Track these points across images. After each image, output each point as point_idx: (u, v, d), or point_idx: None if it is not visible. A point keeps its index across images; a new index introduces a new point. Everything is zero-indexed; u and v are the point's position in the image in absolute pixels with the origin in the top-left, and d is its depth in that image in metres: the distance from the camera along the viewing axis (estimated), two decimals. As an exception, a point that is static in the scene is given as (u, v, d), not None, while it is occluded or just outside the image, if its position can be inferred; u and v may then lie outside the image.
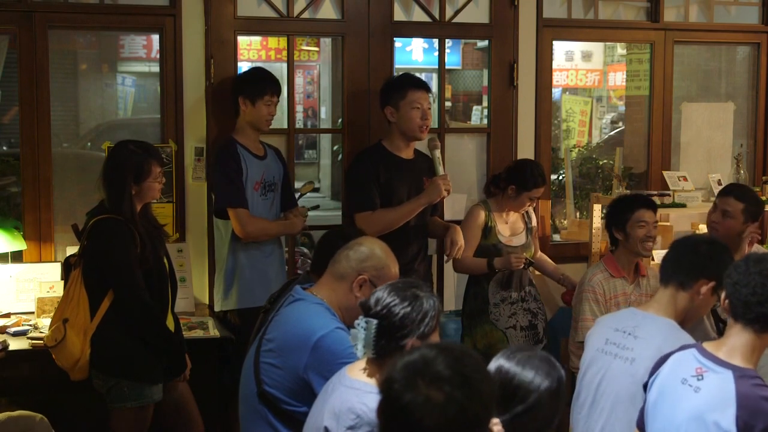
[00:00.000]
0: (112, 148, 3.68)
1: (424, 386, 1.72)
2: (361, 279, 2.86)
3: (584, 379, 3.06)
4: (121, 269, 3.45)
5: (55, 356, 3.51)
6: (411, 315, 2.39)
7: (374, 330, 2.38)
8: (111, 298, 3.47)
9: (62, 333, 3.45)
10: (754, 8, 5.55)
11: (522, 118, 5.02)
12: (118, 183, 3.51)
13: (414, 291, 2.43)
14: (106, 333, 3.46)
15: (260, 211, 4.21)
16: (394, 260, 2.96)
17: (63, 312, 3.50)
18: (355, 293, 2.85)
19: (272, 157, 4.36)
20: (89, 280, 3.50)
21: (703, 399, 2.45)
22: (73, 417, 3.71)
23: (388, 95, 4.25)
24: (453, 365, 1.74)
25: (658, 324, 2.91)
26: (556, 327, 4.71)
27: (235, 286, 4.21)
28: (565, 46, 10.69)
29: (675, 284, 2.92)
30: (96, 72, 5.27)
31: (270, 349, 2.87)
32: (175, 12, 4.43)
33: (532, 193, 4.38)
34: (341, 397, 2.43)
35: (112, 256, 3.46)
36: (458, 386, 1.71)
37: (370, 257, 2.89)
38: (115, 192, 3.51)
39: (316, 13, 4.70)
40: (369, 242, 2.97)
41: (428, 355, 1.76)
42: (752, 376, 2.43)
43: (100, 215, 3.51)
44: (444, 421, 1.69)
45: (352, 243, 2.95)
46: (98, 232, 3.48)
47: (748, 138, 5.64)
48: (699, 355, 2.53)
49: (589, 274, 4.11)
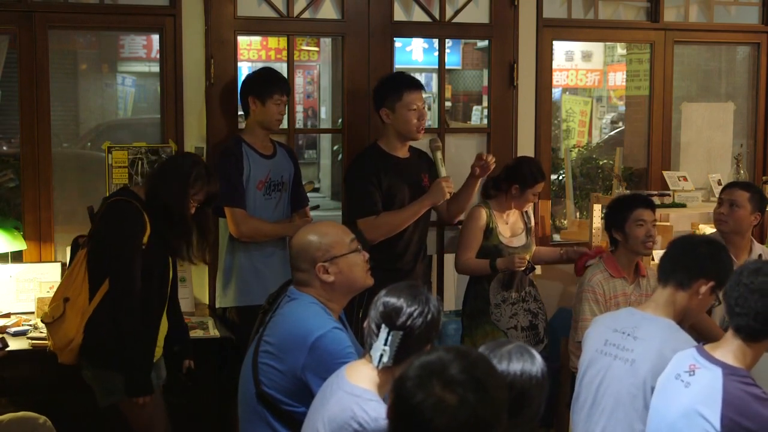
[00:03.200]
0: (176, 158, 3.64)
1: (438, 387, 1.71)
2: (320, 267, 2.87)
3: (584, 380, 3.05)
4: (120, 257, 3.40)
5: (50, 335, 3.48)
6: (431, 323, 2.41)
7: (398, 342, 2.38)
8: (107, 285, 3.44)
9: (61, 310, 3.43)
10: (754, 8, 5.55)
11: (522, 118, 5.02)
12: (176, 190, 3.45)
13: (423, 296, 2.45)
14: (99, 321, 3.41)
15: (262, 211, 4.20)
16: (333, 228, 2.96)
17: (65, 291, 3.48)
18: (325, 280, 2.87)
19: (282, 157, 4.34)
20: (92, 262, 3.47)
21: (692, 394, 2.48)
22: (73, 417, 3.70)
23: (383, 97, 4.22)
24: (469, 369, 1.74)
25: (657, 324, 2.91)
26: (556, 327, 4.71)
27: (232, 284, 4.21)
28: (565, 46, 10.70)
29: (674, 284, 2.92)
30: (96, 72, 5.27)
31: (268, 350, 2.86)
32: (175, 12, 4.43)
33: (534, 188, 4.41)
34: (341, 404, 2.41)
35: (115, 241, 3.42)
36: (472, 390, 1.70)
37: (309, 246, 2.89)
38: (178, 198, 3.45)
39: (316, 13, 4.70)
40: (295, 239, 2.96)
41: (445, 357, 1.76)
42: (742, 374, 2.45)
43: (116, 197, 3.48)
44: (455, 424, 1.68)
45: (289, 250, 2.97)
46: (109, 214, 3.46)
47: (748, 138, 5.64)
48: (696, 353, 2.56)
49: (589, 274, 4.11)
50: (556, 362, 4.52)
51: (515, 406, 2.09)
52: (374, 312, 2.47)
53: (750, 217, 4.22)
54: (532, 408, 2.14)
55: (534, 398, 2.14)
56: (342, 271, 2.89)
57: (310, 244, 2.90)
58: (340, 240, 2.92)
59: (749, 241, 4.32)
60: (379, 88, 4.28)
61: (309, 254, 2.89)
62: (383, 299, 2.46)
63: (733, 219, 4.21)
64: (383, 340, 2.40)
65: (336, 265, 2.88)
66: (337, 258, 2.88)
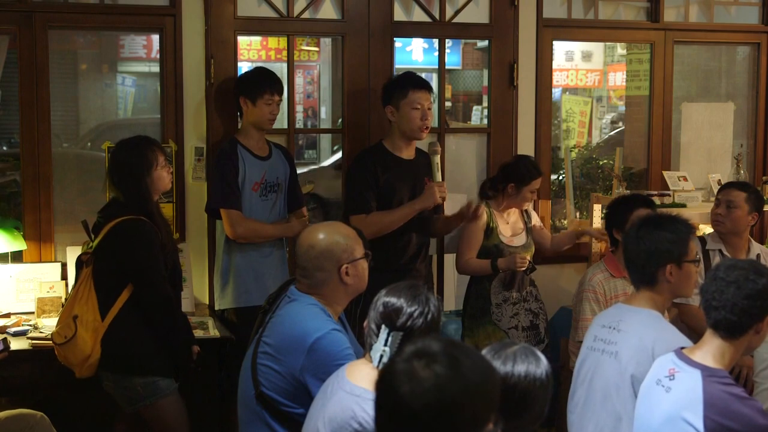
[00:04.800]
0: (113, 148, 3.68)
1: (416, 361, 1.68)
2: (344, 269, 2.85)
3: (578, 378, 3.10)
4: (145, 268, 3.46)
5: (62, 353, 3.49)
6: (431, 323, 2.42)
7: (399, 342, 2.38)
8: (124, 299, 3.47)
9: (73, 330, 3.44)
10: (754, 8, 5.55)
11: (522, 118, 5.02)
12: (132, 179, 3.52)
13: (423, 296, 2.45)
14: (117, 333, 3.45)
15: (258, 213, 4.20)
16: (350, 231, 2.95)
17: (72, 309, 3.49)
18: (346, 282, 2.87)
19: (278, 158, 4.34)
20: (101, 280, 3.49)
21: (673, 399, 2.50)
22: (73, 416, 3.71)
23: (390, 94, 4.24)
24: (449, 349, 1.70)
25: (639, 315, 2.96)
26: (556, 327, 4.71)
27: (230, 286, 4.21)
28: (565, 46, 10.69)
29: (644, 285, 2.97)
30: (96, 72, 5.27)
31: (267, 351, 2.86)
32: (175, 12, 4.43)
33: (531, 185, 4.41)
34: (342, 404, 2.41)
35: (136, 256, 3.46)
36: (445, 366, 1.66)
37: (336, 247, 2.87)
38: (132, 189, 3.52)
39: (316, 13, 4.70)
40: (318, 238, 2.91)
41: (435, 341, 1.74)
42: (721, 375, 2.46)
43: (120, 215, 3.50)
44: (418, 393, 1.64)
45: (304, 248, 2.90)
46: (120, 232, 3.48)
47: (748, 138, 5.64)
48: (675, 357, 2.58)
49: (590, 274, 4.11)
50: (556, 362, 4.52)
51: (518, 407, 2.09)
52: (374, 312, 2.46)
53: (747, 218, 4.22)
54: (535, 410, 2.14)
55: (537, 400, 2.13)
56: (357, 274, 2.89)
57: (337, 244, 2.86)
58: (358, 243, 2.91)
59: (747, 241, 4.33)
60: (388, 86, 4.30)
61: (335, 255, 2.85)
62: (383, 299, 2.46)
63: (730, 219, 4.22)
64: (383, 340, 2.40)
65: (354, 268, 2.87)
66: (357, 261, 2.88)
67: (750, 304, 2.45)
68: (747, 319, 2.46)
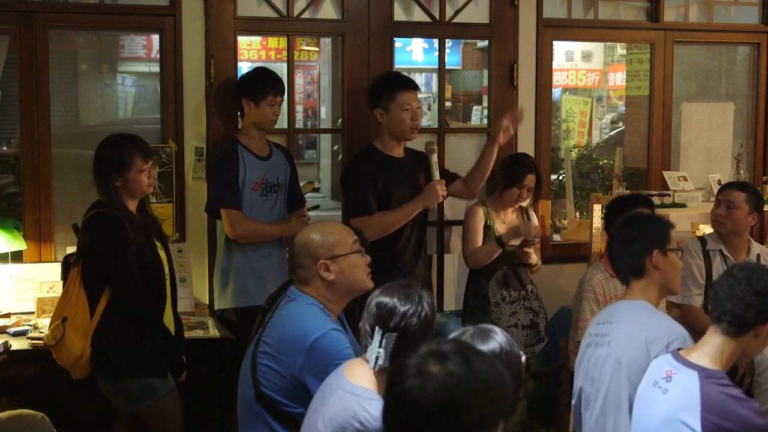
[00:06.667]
0: (100, 143, 3.67)
1: (428, 358, 1.68)
2: (321, 264, 2.88)
3: (578, 377, 3.12)
4: (116, 265, 3.42)
5: (55, 355, 3.50)
6: (426, 322, 2.42)
7: (393, 343, 2.38)
8: (108, 296, 3.45)
9: (61, 332, 3.44)
10: (754, 8, 5.55)
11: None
12: (100, 176, 3.52)
13: (416, 295, 2.45)
14: (106, 332, 3.44)
15: (259, 213, 4.20)
16: (337, 228, 3.01)
17: (62, 311, 3.49)
18: (326, 278, 2.88)
19: (278, 158, 4.34)
20: (87, 279, 3.49)
21: (670, 400, 2.50)
22: (73, 416, 3.71)
23: (377, 97, 4.23)
24: (462, 350, 1.71)
25: (631, 306, 3.01)
26: (556, 327, 4.71)
27: (230, 286, 4.21)
28: (565, 46, 10.69)
29: (633, 277, 3.03)
30: (96, 72, 5.26)
31: (266, 351, 2.86)
32: (175, 12, 4.43)
33: (524, 182, 4.41)
34: (341, 403, 2.41)
35: (106, 251, 3.44)
36: (456, 365, 1.66)
37: (311, 243, 2.91)
38: (102, 185, 3.51)
39: (316, 13, 4.70)
40: (298, 236, 3.00)
41: (449, 342, 1.74)
42: (718, 376, 2.46)
43: (92, 210, 3.50)
44: (428, 390, 1.64)
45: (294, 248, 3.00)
46: (92, 227, 3.47)
47: (748, 138, 5.64)
48: (672, 359, 2.58)
49: (589, 274, 4.11)
50: (556, 362, 4.52)
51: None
52: (367, 314, 2.46)
53: (747, 218, 4.23)
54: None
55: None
56: (343, 270, 2.89)
57: (312, 240, 2.91)
58: (343, 240, 2.93)
59: (747, 242, 4.33)
60: (373, 88, 4.29)
61: (311, 251, 2.90)
62: (376, 300, 2.45)
63: (730, 220, 4.22)
64: (378, 342, 2.39)
65: (337, 264, 2.88)
66: (339, 257, 2.89)
67: (758, 300, 2.46)
68: (752, 314, 2.46)
